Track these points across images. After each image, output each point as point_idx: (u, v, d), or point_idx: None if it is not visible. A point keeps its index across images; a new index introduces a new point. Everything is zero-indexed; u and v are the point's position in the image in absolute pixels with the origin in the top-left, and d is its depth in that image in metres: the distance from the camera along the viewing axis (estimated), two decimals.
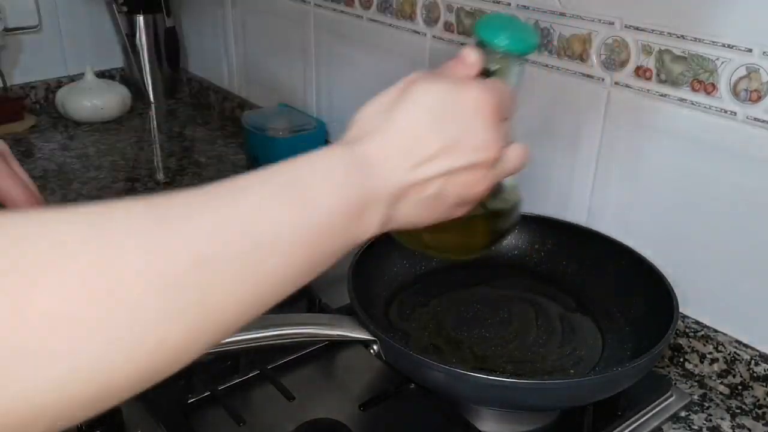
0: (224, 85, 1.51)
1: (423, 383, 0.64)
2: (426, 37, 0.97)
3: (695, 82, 0.69)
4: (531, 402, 0.61)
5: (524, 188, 0.90)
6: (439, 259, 0.81)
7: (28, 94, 1.50)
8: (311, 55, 1.21)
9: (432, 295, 0.79)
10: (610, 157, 0.79)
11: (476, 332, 0.73)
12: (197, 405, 0.66)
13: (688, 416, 0.70)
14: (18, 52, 1.47)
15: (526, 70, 0.53)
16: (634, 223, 0.79)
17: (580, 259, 0.81)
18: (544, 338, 0.72)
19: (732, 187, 0.69)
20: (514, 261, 0.84)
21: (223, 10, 1.42)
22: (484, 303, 0.78)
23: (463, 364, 0.68)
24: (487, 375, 0.57)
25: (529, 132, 0.87)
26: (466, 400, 0.64)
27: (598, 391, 0.61)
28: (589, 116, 0.80)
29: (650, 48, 0.72)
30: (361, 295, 0.67)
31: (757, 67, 0.64)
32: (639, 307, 0.73)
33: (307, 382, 0.70)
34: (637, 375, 0.61)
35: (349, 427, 0.62)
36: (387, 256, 0.79)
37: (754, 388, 0.70)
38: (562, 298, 0.78)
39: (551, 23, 0.81)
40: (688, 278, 0.74)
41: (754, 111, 0.65)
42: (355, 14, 1.08)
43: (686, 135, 0.71)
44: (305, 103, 1.26)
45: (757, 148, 0.66)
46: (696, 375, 0.75)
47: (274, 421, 0.65)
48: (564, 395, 0.60)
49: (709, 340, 0.73)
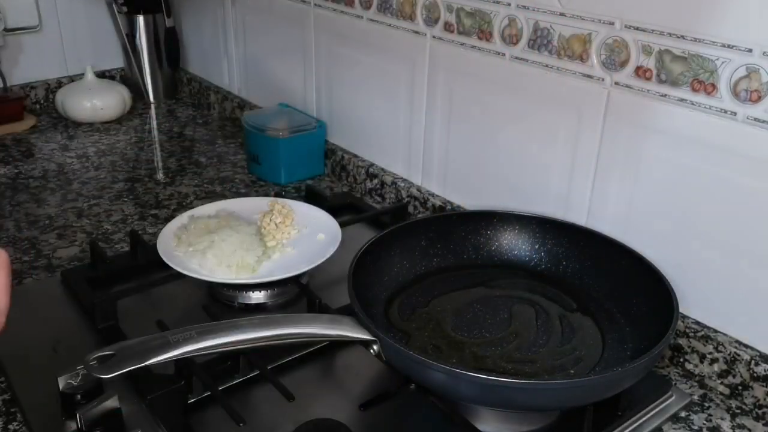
0: (224, 85, 1.51)
1: (423, 383, 0.64)
2: (426, 38, 0.97)
3: (695, 82, 0.69)
4: (531, 402, 0.61)
5: (524, 188, 0.90)
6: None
7: (28, 94, 1.50)
8: (311, 55, 1.21)
9: (432, 295, 0.79)
10: (610, 157, 0.79)
11: (476, 332, 0.73)
12: (197, 405, 0.66)
13: (688, 416, 0.70)
14: (18, 52, 1.47)
15: None
16: (634, 223, 0.79)
17: (580, 259, 0.81)
18: (544, 338, 0.72)
19: (732, 187, 0.69)
20: (514, 261, 0.84)
21: (223, 10, 1.42)
22: (484, 303, 0.78)
23: (464, 364, 0.68)
24: (486, 375, 0.57)
25: (529, 132, 0.88)
26: (467, 400, 0.64)
27: (599, 391, 0.61)
28: (589, 116, 0.80)
29: (650, 48, 0.72)
30: (361, 296, 0.67)
31: (757, 67, 0.64)
32: (639, 307, 0.73)
33: (307, 383, 0.70)
34: (637, 375, 0.61)
35: (349, 428, 0.62)
36: (387, 257, 0.80)
37: (754, 389, 0.70)
38: (562, 298, 0.78)
39: (551, 23, 0.81)
40: (688, 278, 0.74)
41: (754, 111, 0.65)
42: (355, 14, 1.08)
43: (686, 135, 0.71)
44: (305, 103, 1.26)
45: (757, 149, 0.66)
46: (696, 375, 0.75)
47: (274, 422, 0.65)
48: (564, 395, 0.60)
49: (709, 340, 0.73)
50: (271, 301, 0.84)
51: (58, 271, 0.90)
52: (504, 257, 0.85)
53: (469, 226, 0.85)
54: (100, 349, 0.56)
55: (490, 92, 0.90)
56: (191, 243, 0.82)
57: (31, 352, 0.74)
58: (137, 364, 0.54)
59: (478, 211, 0.89)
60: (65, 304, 0.83)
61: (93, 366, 0.54)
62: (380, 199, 1.13)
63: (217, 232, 0.82)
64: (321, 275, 0.89)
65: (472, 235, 0.85)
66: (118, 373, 0.53)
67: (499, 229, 0.85)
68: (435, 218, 0.86)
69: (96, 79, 1.45)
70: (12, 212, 1.07)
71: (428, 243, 0.83)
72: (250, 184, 1.18)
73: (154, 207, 1.09)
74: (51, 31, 1.50)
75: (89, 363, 0.54)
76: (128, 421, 0.64)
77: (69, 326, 0.79)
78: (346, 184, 1.20)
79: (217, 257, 0.80)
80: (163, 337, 0.57)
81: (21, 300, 0.84)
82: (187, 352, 0.56)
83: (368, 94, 1.11)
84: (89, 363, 0.54)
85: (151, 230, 1.02)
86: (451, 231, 0.84)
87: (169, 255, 0.80)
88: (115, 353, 0.55)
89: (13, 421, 0.66)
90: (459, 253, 0.84)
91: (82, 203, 1.10)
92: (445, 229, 0.84)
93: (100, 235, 1.00)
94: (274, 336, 0.60)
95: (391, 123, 1.08)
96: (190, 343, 0.57)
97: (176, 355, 0.56)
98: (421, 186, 1.07)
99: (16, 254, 0.95)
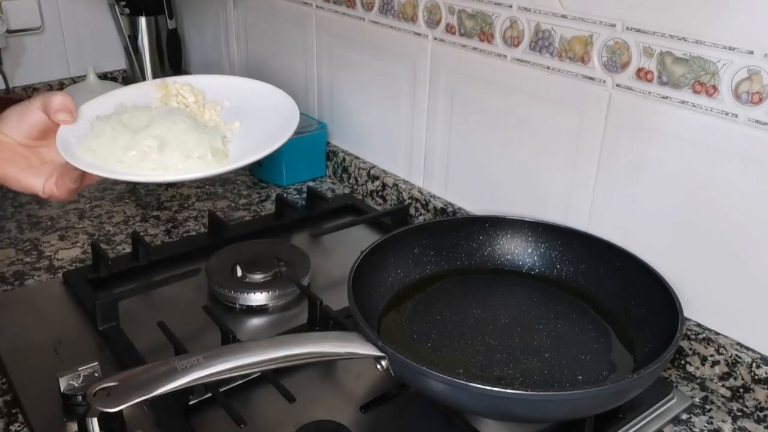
0: None
1: (435, 399, 0.63)
2: (428, 39, 0.97)
3: (697, 84, 0.69)
4: (549, 415, 0.61)
5: (526, 190, 0.90)
6: None
7: (31, 96, 1.50)
8: (313, 57, 1.21)
9: (429, 303, 0.78)
10: (611, 159, 0.79)
11: (479, 339, 0.73)
12: (198, 406, 0.66)
13: (689, 419, 0.70)
14: (20, 54, 1.47)
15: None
16: (636, 226, 0.79)
17: (575, 262, 0.81)
18: (547, 344, 0.72)
19: (733, 189, 0.69)
20: (514, 267, 0.84)
21: (225, 12, 1.42)
22: (484, 310, 0.77)
23: (470, 374, 0.67)
24: (515, 390, 0.57)
25: (530, 134, 0.88)
26: (488, 416, 0.64)
27: (603, 403, 0.61)
28: (590, 118, 0.80)
29: (652, 50, 0.72)
30: (362, 308, 0.66)
31: (758, 69, 0.64)
32: (638, 309, 0.73)
33: (308, 384, 0.70)
34: (644, 385, 0.61)
35: (349, 429, 0.62)
36: (381, 267, 0.78)
37: (756, 391, 0.70)
38: (563, 303, 0.78)
39: (552, 25, 0.81)
40: (689, 280, 0.74)
41: (755, 113, 0.65)
42: (357, 16, 1.08)
43: (688, 137, 0.71)
44: (307, 104, 1.27)
45: (759, 150, 0.66)
46: (697, 377, 0.75)
47: (275, 423, 0.65)
48: (568, 408, 0.60)
49: (711, 343, 0.73)
50: (273, 303, 0.84)
51: (59, 273, 0.90)
52: (497, 262, 0.84)
53: (461, 232, 0.85)
54: (105, 379, 0.53)
55: (492, 94, 0.90)
56: (127, 147, 0.64)
57: (32, 353, 0.74)
58: (143, 396, 0.52)
59: (469, 217, 0.89)
60: (67, 305, 0.83)
61: (97, 399, 0.52)
62: (382, 200, 1.13)
63: (153, 126, 0.65)
64: (321, 277, 0.90)
65: (464, 241, 0.85)
66: (124, 407, 0.51)
67: (491, 234, 0.85)
68: (427, 225, 0.86)
69: (98, 80, 1.45)
70: (14, 213, 1.07)
71: (421, 250, 0.83)
72: (251, 186, 1.18)
73: (156, 209, 1.09)
74: (53, 32, 1.51)
75: (93, 395, 0.52)
76: (129, 423, 0.64)
77: (70, 327, 0.79)
78: (347, 185, 1.20)
79: (180, 150, 0.64)
80: (170, 364, 0.55)
81: (22, 301, 0.84)
82: (195, 380, 0.54)
83: (370, 96, 1.12)
84: (93, 395, 0.52)
85: (153, 231, 1.02)
86: (444, 238, 0.84)
87: (109, 171, 0.62)
88: (119, 384, 0.53)
89: (15, 422, 0.66)
90: (452, 259, 0.84)
91: (83, 204, 1.10)
92: (437, 236, 0.84)
93: (101, 237, 1.01)
94: (283, 357, 0.59)
95: (393, 125, 1.08)
96: (197, 370, 0.55)
97: (184, 383, 0.54)
98: (422, 188, 1.07)
99: (18, 255, 0.95)
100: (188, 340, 0.72)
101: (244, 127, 0.70)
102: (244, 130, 0.70)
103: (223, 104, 0.73)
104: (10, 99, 1.41)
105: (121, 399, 0.51)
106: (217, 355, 0.57)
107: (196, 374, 0.54)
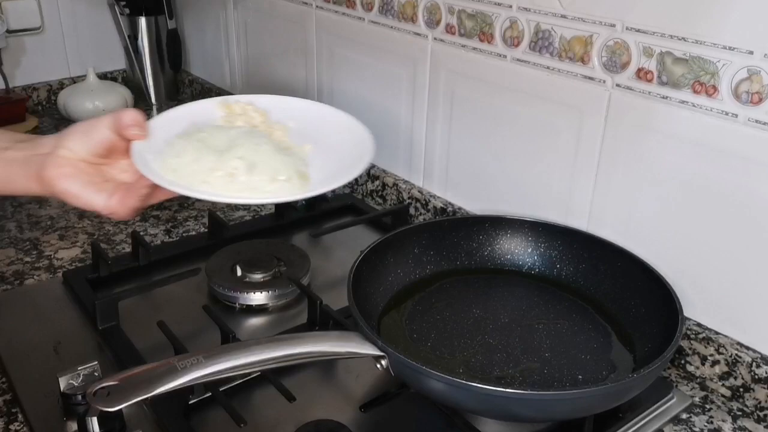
0: (226, 86, 1.51)
1: (436, 399, 0.64)
2: (427, 39, 0.98)
3: (696, 84, 0.69)
4: (551, 414, 0.61)
5: (526, 190, 0.90)
6: None
7: (30, 96, 1.50)
8: (313, 57, 1.21)
9: (429, 303, 0.78)
10: (611, 159, 0.79)
11: (479, 339, 0.73)
12: (198, 406, 0.66)
13: (689, 418, 0.70)
14: (20, 54, 1.47)
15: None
16: (636, 224, 0.79)
17: (575, 262, 0.81)
18: (547, 343, 0.72)
19: (733, 189, 0.69)
20: (514, 267, 0.84)
21: (225, 12, 1.42)
22: (483, 309, 0.77)
23: (471, 374, 0.67)
24: (517, 390, 0.57)
25: (530, 134, 0.88)
26: (488, 416, 0.64)
27: (603, 403, 0.61)
28: (590, 118, 0.80)
29: (651, 50, 0.72)
30: (362, 308, 0.66)
31: (758, 69, 0.64)
32: (641, 311, 0.73)
33: (308, 384, 0.70)
34: (644, 384, 0.61)
35: (349, 429, 0.62)
36: (382, 267, 0.79)
37: (756, 390, 0.70)
38: (563, 303, 0.78)
39: (552, 25, 0.81)
40: (689, 280, 0.74)
41: (755, 113, 0.65)
42: (357, 16, 1.08)
43: (688, 137, 0.71)
44: None
45: (759, 150, 0.66)
46: (697, 377, 0.75)
47: (275, 422, 0.65)
48: (569, 407, 0.60)
49: (711, 342, 0.73)
50: (272, 303, 0.84)
51: (59, 272, 0.90)
52: (497, 262, 0.84)
53: (461, 232, 0.85)
54: (105, 379, 0.53)
55: (492, 94, 0.90)
56: (213, 168, 0.62)
57: (32, 352, 0.74)
58: (143, 395, 0.52)
59: (469, 217, 0.89)
60: (66, 304, 0.83)
61: (97, 398, 0.52)
62: (381, 200, 1.13)
63: (237, 147, 0.64)
64: (321, 276, 0.90)
65: (464, 240, 0.85)
66: (124, 406, 0.51)
67: (491, 234, 0.85)
68: (426, 225, 0.86)
69: (98, 80, 1.45)
70: (14, 213, 1.07)
71: (421, 250, 0.83)
72: None
73: (156, 208, 1.09)
74: (53, 32, 1.51)
75: (93, 395, 0.52)
76: (129, 422, 0.64)
77: (70, 327, 0.79)
78: (347, 185, 1.20)
79: (266, 173, 0.62)
80: (170, 364, 0.55)
81: (22, 301, 0.84)
82: (195, 379, 0.55)
83: (370, 96, 1.12)
84: (93, 395, 0.52)
85: (153, 231, 1.02)
86: (444, 237, 0.84)
87: (197, 191, 0.60)
88: (119, 383, 0.53)
89: (14, 422, 0.66)
90: (452, 259, 0.84)
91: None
92: (437, 235, 0.84)
93: (101, 236, 1.01)
94: (282, 357, 0.59)
95: (393, 125, 1.08)
96: (197, 369, 0.55)
97: (184, 382, 0.54)
98: (422, 188, 1.07)
99: (18, 255, 0.95)
100: (188, 340, 0.72)
101: (316, 149, 0.69)
102: (316, 153, 0.68)
103: (287, 125, 0.71)
104: (9, 99, 1.41)
105: (120, 398, 0.51)
106: (217, 354, 0.57)
107: (195, 374, 0.55)
